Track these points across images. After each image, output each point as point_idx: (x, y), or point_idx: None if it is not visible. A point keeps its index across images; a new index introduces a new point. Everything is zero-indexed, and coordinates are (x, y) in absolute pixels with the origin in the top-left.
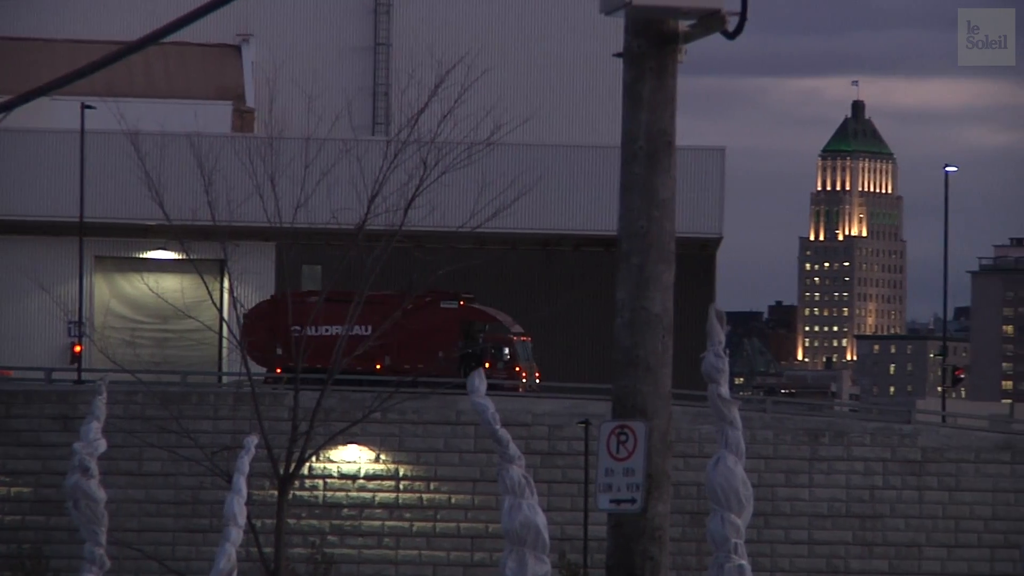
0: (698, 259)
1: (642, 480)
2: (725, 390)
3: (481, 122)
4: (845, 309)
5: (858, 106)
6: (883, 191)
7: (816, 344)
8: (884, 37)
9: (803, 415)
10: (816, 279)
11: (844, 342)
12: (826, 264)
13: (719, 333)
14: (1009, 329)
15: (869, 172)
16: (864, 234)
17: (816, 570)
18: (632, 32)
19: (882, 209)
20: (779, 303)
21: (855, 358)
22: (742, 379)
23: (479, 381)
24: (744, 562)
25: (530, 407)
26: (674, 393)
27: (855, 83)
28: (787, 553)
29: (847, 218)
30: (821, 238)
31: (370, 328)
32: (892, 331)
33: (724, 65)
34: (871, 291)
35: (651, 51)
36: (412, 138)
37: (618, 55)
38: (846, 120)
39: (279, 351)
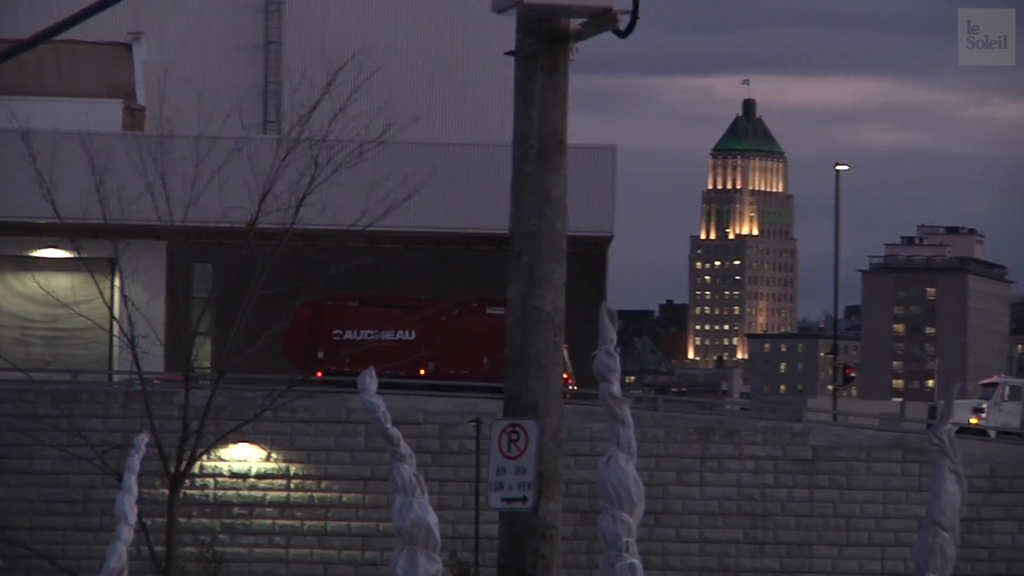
0: (589, 258)
1: (533, 479)
2: (617, 388)
3: (372, 120)
4: (736, 308)
5: (749, 105)
6: (774, 190)
7: (707, 343)
8: (775, 36)
9: (694, 413)
10: (707, 278)
11: (735, 341)
12: (717, 263)
13: (610, 332)
14: (900, 328)
15: (760, 171)
16: (755, 233)
17: (707, 568)
18: (524, 30)
19: (773, 208)
20: (670, 302)
21: (746, 357)
22: (633, 377)
23: (370, 379)
24: (636, 561)
25: (421, 405)
26: (566, 391)
27: (746, 82)
28: (678, 552)
29: (738, 217)
30: (712, 237)
31: (413, 333)
32: (783, 330)
33: (616, 64)
34: (762, 290)
35: (543, 49)
36: (303, 136)
37: (510, 53)
38: (737, 119)
39: (320, 355)
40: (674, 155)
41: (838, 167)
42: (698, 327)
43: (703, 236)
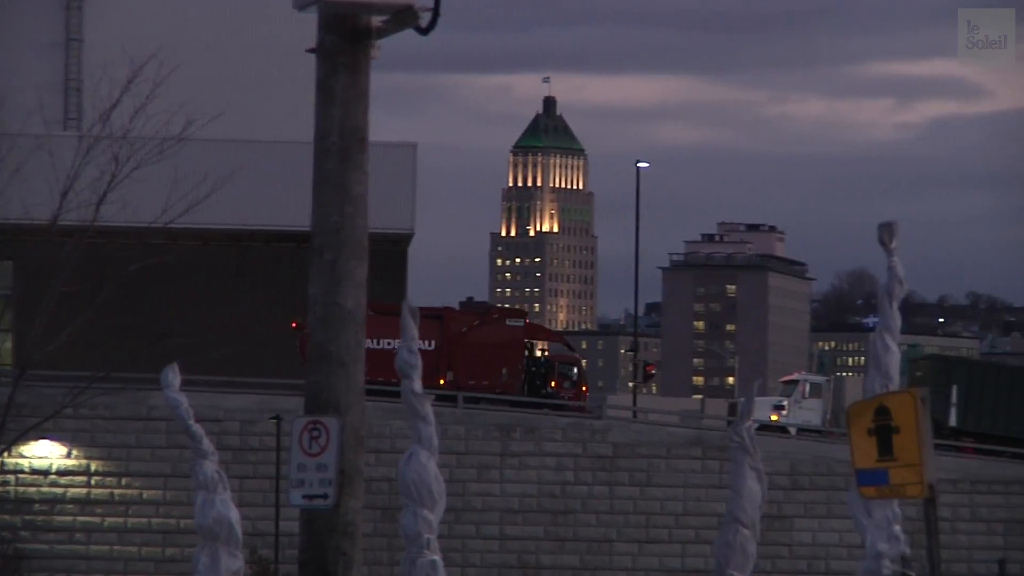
0: (390, 255)
1: (335, 476)
2: (418, 385)
3: (174, 117)
4: (536, 305)
5: (549, 102)
6: (574, 187)
7: None
8: (574, 34)
9: (494, 411)
10: (507, 275)
11: None
12: (517, 260)
13: (412, 329)
14: (700, 325)
15: (560, 168)
16: (555, 230)
17: (507, 565)
18: (325, 27)
19: (573, 205)
20: (471, 299)
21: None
22: None
23: (173, 376)
24: (436, 557)
25: (221, 403)
26: (367, 388)
27: (546, 80)
28: (478, 548)
29: (538, 214)
30: (513, 234)
31: (433, 343)
32: (583, 327)
33: (417, 61)
34: (562, 287)
35: (344, 47)
36: (104, 134)
37: (311, 50)
38: (537, 116)
39: None
40: (475, 152)
41: (638, 164)
42: None
43: (503, 233)
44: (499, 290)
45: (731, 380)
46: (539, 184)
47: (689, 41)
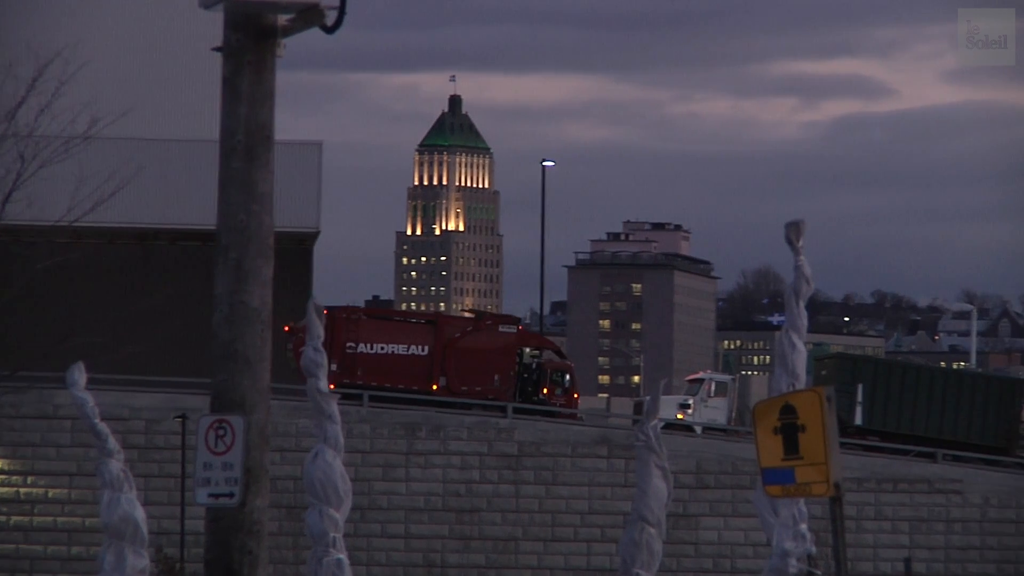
0: (296, 253)
1: (240, 474)
2: (324, 384)
3: (79, 115)
4: (442, 303)
5: (455, 101)
6: (480, 186)
7: None
8: (480, 32)
9: (400, 409)
10: (413, 273)
11: None
12: (423, 258)
13: (318, 328)
14: (605, 324)
15: (466, 167)
16: (461, 228)
17: (413, 564)
18: (231, 26)
19: (479, 204)
20: (376, 297)
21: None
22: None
23: (78, 374)
24: (342, 556)
25: (127, 401)
26: (272, 387)
27: (452, 78)
28: (384, 547)
29: (444, 213)
30: (418, 232)
31: (426, 348)
32: None
33: (323, 60)
34: (468, 285)
35: (250, 45)
36: (10, 132)
37: (217, 49)
38: (443, 115)
39: (333, 367)
40: (380, 151)
41: (544, 163)
42: None
43: (409, 232)
44: (405, 289)
45: (636, 379)
46: (445, 183)
47: (594, 40)
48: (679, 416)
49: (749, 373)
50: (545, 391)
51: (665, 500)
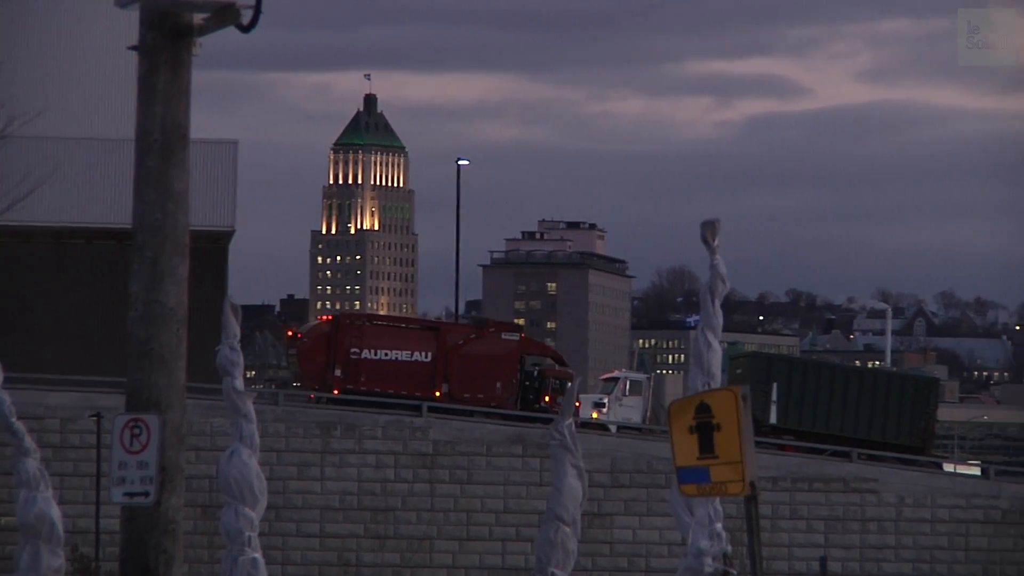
0: (211, 252)
1: (155, 473)
2: (239, 383)
3: None
4: (357, 302)
5: (370, 100)
6: (395, 185)
7: None
8: (395, 32)
9: (315, 408)
10: (328, 272)
11: None
12: (338, 257)
13: (234, 326)
14: (520, 322)
15: (381, 166)
16: (376, 227)
17: (328, 563)
18: (147, 25)
19: (394, 203)
20: (291, 296)
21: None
22: (254, 372)
23: None
24: (257, 555)
25: (42, 400)
26: (188, 386)
27: (368, 77)
28: (299, 546)
29: (359, 211)
30: (333, 231)
31: (429, 355)
32: None
33: (238, 59)
34: (383, 284)
35: (166, 44)
36: None
37: (133, 48)
38: (358, 114)
39: (337, 372)
40: (296, 150)
41: (459, 162)
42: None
43: (324, 231)
44: (320, 287)
45: None
46: (360, 182)
47: (509, 40)
48: (594, 415)
49: (664, 372)
50: (547, 399)
51: (580, 499)
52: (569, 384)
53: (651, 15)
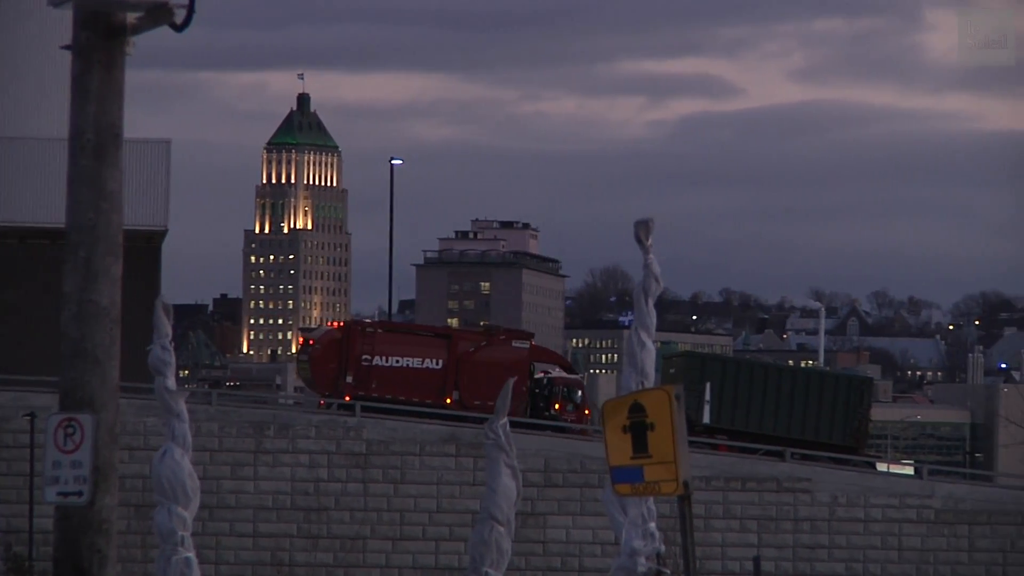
0: (144, 252)
1: (89, 473)
2: (172, 382)
3: None
4: (291, 302)
5: (304, 99)
6: (328, 184)
7: (261, 336)
8: (328, 31)
9: (248, 407)
10: (261, 272)
11: (289, 335)
12: (271, 257)
13: (166, 326)
14: (454, 322)
15: (314, 165)
16: (309, 227)
17: (261, 563)
18: (81, 24)
19: (327, 202)
20: (224, 296)
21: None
22: (188, 372)
23: None
24: (191, 555)
25: None
26: (121, 385)
27: (301, 76)
28: (232, 546)
29: (292, 211)
30: (267, 231)
31: (441, 362)
32: None
33: (171, 58)
34: (316, 284)
35: (100, 43)
36: None
37: (66, 47)
38: (291, 113)
39: (349, 379)
40: (229, 149)
41: (392, 161)
42: (252, 321)
43: (257, 230)
44: (252, 287)
45: None
46: (293, 181)
47: (441, 39)
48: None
49: (597, 371)
50: (557, 407)
51: (514, 499)
52: (579, 391)
53: (584, 15)
